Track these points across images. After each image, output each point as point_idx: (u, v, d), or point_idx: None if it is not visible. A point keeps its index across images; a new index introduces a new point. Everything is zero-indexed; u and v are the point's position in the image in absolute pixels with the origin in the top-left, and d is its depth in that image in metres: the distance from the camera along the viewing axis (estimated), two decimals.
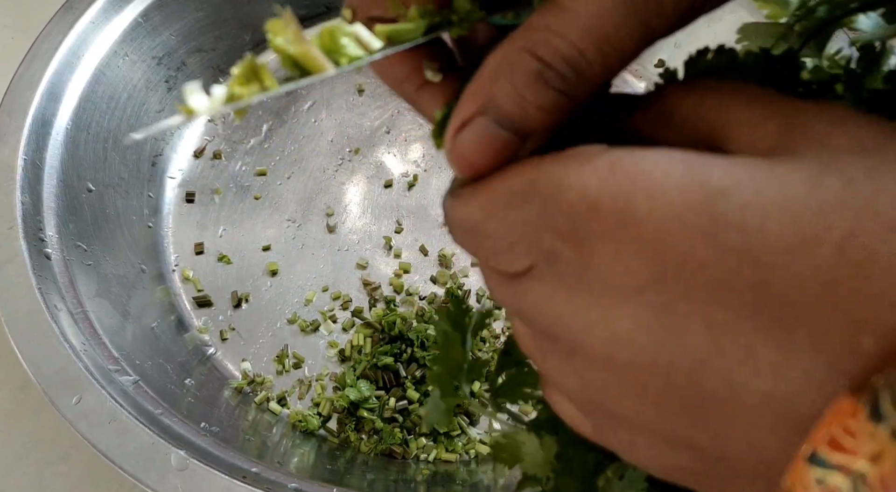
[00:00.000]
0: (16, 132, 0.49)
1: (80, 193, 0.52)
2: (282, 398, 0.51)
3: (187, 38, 0.62)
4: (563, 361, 0.18)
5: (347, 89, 0.65)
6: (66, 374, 0.41)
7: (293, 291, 0.56)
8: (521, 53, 0.17)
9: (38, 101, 0.51)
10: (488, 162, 0.18)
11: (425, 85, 0.21)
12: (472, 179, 0.19)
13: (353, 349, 0.53)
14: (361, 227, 0.59)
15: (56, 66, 0.52)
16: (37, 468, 0.49)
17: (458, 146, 0.18)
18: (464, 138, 0.18)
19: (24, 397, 0.51)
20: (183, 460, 0.39)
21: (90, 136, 0.54)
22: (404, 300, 0.55)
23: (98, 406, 0.41)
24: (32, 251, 0.46)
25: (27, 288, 0.44)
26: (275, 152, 0.62)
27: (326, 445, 0.49)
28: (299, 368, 0.53)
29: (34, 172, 0.49)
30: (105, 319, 0.47)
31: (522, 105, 0.17)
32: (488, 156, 0.18)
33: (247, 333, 0.54)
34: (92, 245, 0.51)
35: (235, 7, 0.63)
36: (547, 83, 0.17)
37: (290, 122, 0.64)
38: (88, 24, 0.54)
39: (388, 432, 0.49)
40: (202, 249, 0.57)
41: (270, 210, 0.59)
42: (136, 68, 0.58)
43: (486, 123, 0.18)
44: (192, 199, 0.60)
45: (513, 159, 0.18)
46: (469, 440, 0.50)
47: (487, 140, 0.18)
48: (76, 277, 0.48)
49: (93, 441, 0.39)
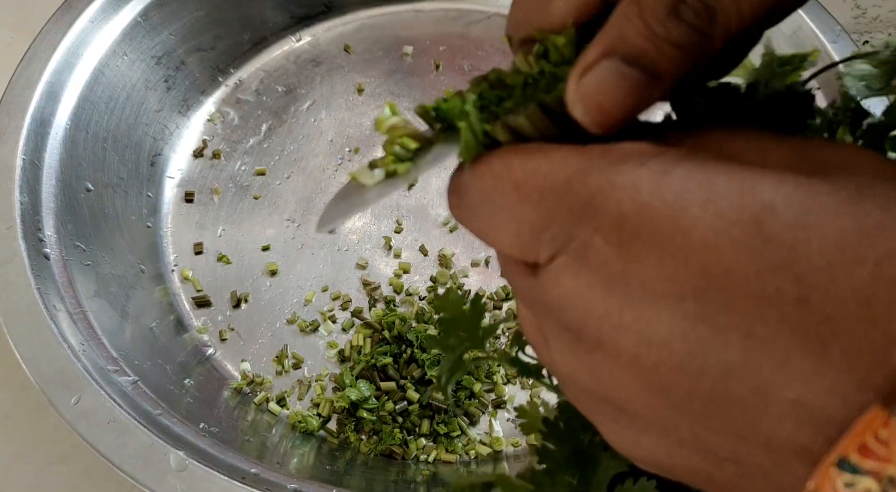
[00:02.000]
0: (14, 132, 0.49)
1: (78, 192, 0.52)
2: (281, 399, 0.51)
3: (186, 37, 0.61)
4: (579, 356, 0.18)
5: (347, 89, 0.65)
6: (65, 374, 0.41)
7: (293, 291, 0.56)
8: None
9: (36, 100, 0.50)
10: (618, 105, 0.17)
11: None
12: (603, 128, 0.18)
13: (353, 350, 0.53)
14: (361, 227, 0.59)
15: (55, 65, 0.52)
16: (36, 468, 0.48)
17: (582, 88, 0.17)
18: (589, 80, 0.17)
19: (23, 397, 0.51)
20: (182, 461, 0.39)
21: (89, 135, 0.54)
22: (404, 300, 0.55)
23: (97, 407, 0.41)
24: (31, 251, 0.46)
25: (26, 288, 0.44)
26: (274, 152, 0.62)
27: (326, 445, 0.49)
28: (299, 368, 0.53)
29: (33, 171, 0.49)
30: (104, 319, 0.47)
31: (654, 40, 0.17)
32: (618, 97, 0.17)
33: (246, 334, 0.54)
34: (91, 245, 0.51)
35: (235, 6, 0.63)
36: (679, 16, 0.17)
37: (290, 121, 0.64)
38: (87, 23, 0.54)
39: (388, 432, 0.49)
40: (201, 249, 0.57)
41: (270, 210, 0.59)
42: (135, 68, 0.58)
43: (614, 63, 0.17)
44: (191, 199, 0.59)
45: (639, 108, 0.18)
46: (469, 441, 0.50)
47: (616, 79, 0.17)
48: (75, 277, 0.48)
49: (92, 442, 0.39)
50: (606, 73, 0.17)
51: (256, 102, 0.65)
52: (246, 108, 0.64)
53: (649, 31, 0.17)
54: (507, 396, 0.51)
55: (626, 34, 0.17)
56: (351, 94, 0.65)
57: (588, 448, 0.24)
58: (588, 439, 0.24)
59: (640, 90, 0.17)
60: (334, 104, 0.65)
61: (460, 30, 0.69)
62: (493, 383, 0.52)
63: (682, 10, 0.17)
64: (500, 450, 0.50)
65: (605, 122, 0.18)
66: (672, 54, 0.17)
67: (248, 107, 0.64)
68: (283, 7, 0.66)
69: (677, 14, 0.17)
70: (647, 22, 0.17)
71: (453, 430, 0.49)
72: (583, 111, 0.18)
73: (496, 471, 0.48)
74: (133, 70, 0.58)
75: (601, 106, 0.17)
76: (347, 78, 0.66)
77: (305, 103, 0.65)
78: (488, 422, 0.51)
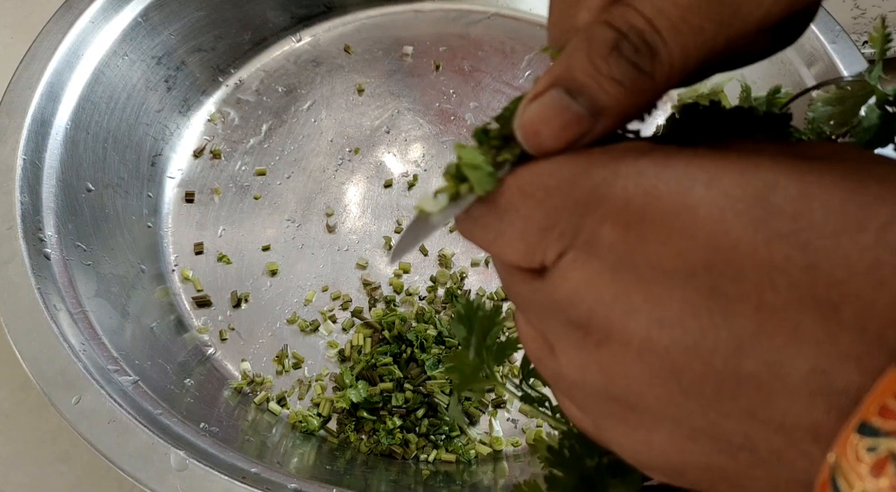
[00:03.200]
0: (15, 132, 0.49)
1: (79, 192, 0.52)
2: (281, 399, 0.51)
3: (187, 37, 0.61)
4: (588, 352, 0.18)
5: (347, 89, 0.65)
6: (66, 374, 0.41)
7: (293, 291, 0.56)
8: (598, 25, 0.18)
9: (37, 100, 0.51)
10: (556, 134, 0.18)
11: None
12: (539, 155, 0.18)
13: (353, 350, 0.53)
14: (361, 227, 0.59)
15: (55, 65, 0.52)
16: (36, 468, 0.49)
17: (526, 115, 0.18)
18: (533, 108, 0.18)
19: (24, 397, 0.51)
20: (182, 461, 0.39)
21: (89, 135, 0.54)
22: (404, 300, 0.55)
23: (97, 406, 0.41)
24: (32, 251, 0.46)
25: (26, 288, 0.44)
26: (274, 152, 0.62)
27: (326, 445, 0.49)
28: (299, 368, 0.53)
29: (33, 171, 0.49)
30: (104, 319, 0.47)
31: (596, 76, 0.17)
32: (556, 127, 0.18)
33: (246, 333, 0.54)
34: (91, 245, 0.51)
35: (235, 7, 0.63)
36: (621, 54, 0.17)
37: (290, 121, 0.64)
38: (88, 23, 0.54)
39: (388, 432, 0.49)
40: (202, 249, 0.57)
41: (270, 210, 0.59)
42: (135, 68, 0.58)
43: (558, 94, 0.18)
44: (191, 199, 0.60)
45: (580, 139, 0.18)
46: (469, 441, 0.50)
47: (556, 110, 0.18)
48: (75, 277, 0.48)
49: (92, 441, 0.39)
50: (549, 103, 0.18)
51: (257, 103, 0.65)
52: (246, 108, 0.64)
53: (592, 65, 0.17)
54: (506, 396, 0.51)
55: (572, 67, 0.18)
56: (351, 94, 0.65)
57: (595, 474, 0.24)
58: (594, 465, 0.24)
59: (580, 123, 0.18)
60: (334, 104, 0.65)
61: (460, 30, 0.69)
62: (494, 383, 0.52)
63: (623, 47, 0.17)
64: (500, 450, 0.50)
65: (540, 149, 0.18)
66: (612, 91, 0.17)
67: (249, 107, 0.64)
68: (284, 7, 0.66)
69: (619, 51, 0.17)
70: (591, 56, 0.17)
71: (453, 430, 0.49)
72: (522, 136, 0.18)
73: (496, 471, 0.48)
74: (133, 70, 0.58)
75: (538, 134, 0.18)
76: (348, 78, 0.66)
77: (306, 103, 0.65)
78: (488, 422, 0.51)
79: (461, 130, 0.63)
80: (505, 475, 0.48)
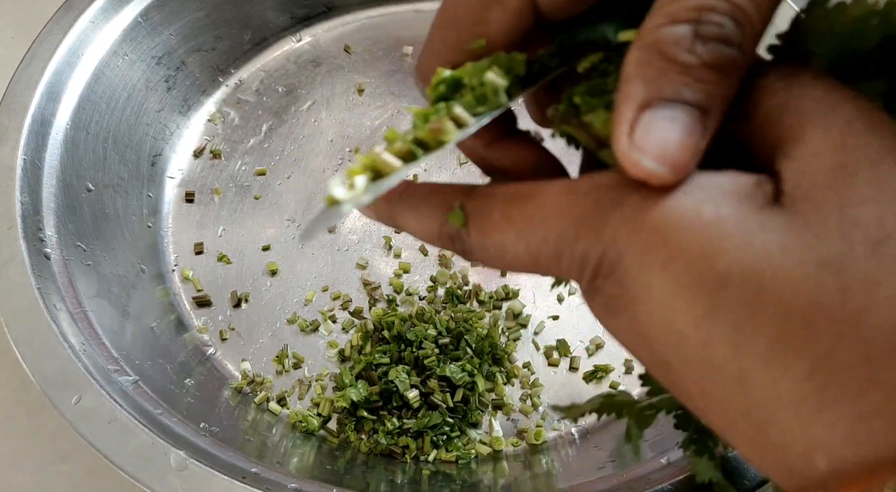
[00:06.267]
0: (15, 132, 0.49)
1: (79, 192, 0.52)
2: (281, 398, 0.51)
3: (187, 37, 0.61)
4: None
5: (347, 89, 0.65)
6: (66, 374, 0.41)
7: (293, 291, 0.56)
8: (661, 28, 0.16)
9: (37, 100, 0.51)
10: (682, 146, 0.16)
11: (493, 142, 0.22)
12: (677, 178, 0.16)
13: (353, 350, 0.53)
14: (361, 227, 0.59)
15: (55, 65, 0.52)
16: (37, 468, 0.49)
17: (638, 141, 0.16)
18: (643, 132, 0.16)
19: (24, 396, 0.51)
20: (182, 460, 0.39)
21: (90, 135, 0.54)
22: (404, 300, 0.55)
23: (98, 406, 0.41)
24: (32, 251, 0.46)
25: (27, 288, 0.44)
26: (275, 152, 0.62)
27: (326, 445, 0.49)
28: (299, 368, 0.53)
29: (33, 171, 0.49)
30: (105, 319, 0.47)
31: (688, 72, 0.16)
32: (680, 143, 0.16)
33: (246, 333, 0.54)
34: (91, 245, 0.51)
35: (235, 7, 0.63)
36: (706, 38, 0.16)
37: (290, 121, 0.64)
38: (88, 23, 0.54)
39: (388, 432, 0.49)
40: (202, 249, 0.57)
41: (270, 210, 0.59)
42: (135, 68, 0.58)
43: (657, 111, 0.16)
44: (191, 198, 0.60)
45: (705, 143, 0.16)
46: (469, 441, 0.50)
47: (668, 126, 0.16)
48: (75, 277, 0.48)
49: (92, 441, 0.39)
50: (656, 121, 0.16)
51: (257, 103, 0.65)
52: (246, 108, 0.64)
53: (679, 65, 0.16)
54: (506, 396, 0.51)
55: (652, 79, 0.16)
56: (351, 94, 0.65)
57: None
58: None
59: (700, 126, 0.16)
60: (335, 104, 0.65)
61: None
62: (494, 383, 0.52)
63: (705, 30, 0.16)
64: (500, 450, 0.50)
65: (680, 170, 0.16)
66: (712, 78, 0.16)
67: (249, 107, 0.64)
68: (284, 7, 0.66)
69: (701, 36, 0.16)
70: (672, 58, 0.16)
71: (453, 430, 0.49)
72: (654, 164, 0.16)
73: (496, 471, 0.48)
74: (133, 70, 0.58)
75: (669, 157, 0.16)
76: (348, 78, 0.66)
77: (306, 103, 0.65)
78: (488, 422, 0.51)
79: None
80: (505, 475, 0.48)
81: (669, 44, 0.16)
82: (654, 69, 0.16)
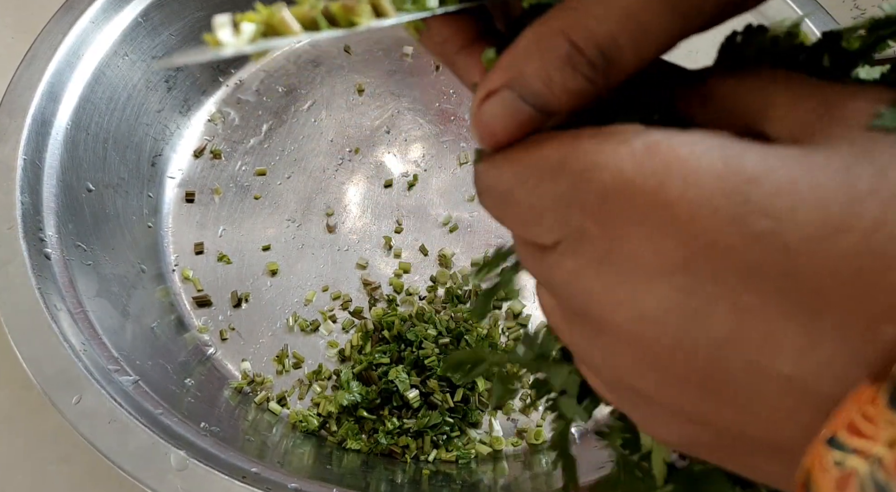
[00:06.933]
0: (15, 132, 0.49)
1: (79, 193, 0.52)
2: (282, 398, 0.51)
3: (187, 37, 0.62)
4: (590, 339, 0.18)
5: (347, 89, 0.65)
6: (66, 374, 0.41)
7: (293, 291, 0.56)
8: (554, 34, 0.18)
9: (37, 101, 0.51)
10: (510, 134, 0.19)
11: (465, 47, 0.22)
12: (495, 149, 0.19)
13: (353, 349, 0.53)
14: (361, 227, 0.59)
15: (56, 65, 0.52)
16: (37, 468, 0.49)
17: (481, 114, 0.19)
18: (488, 109, 0.19)
19: (24, 396, 0.51)
20: (183, 460, 0.39)
21: (90, 136, 0.54)
22: (404, 300, 0.55)
23: (98, 406, 0.41)
24: (32, 251, 0.46)
25: (27, 288, 0.44)
26: (275, 152, 0.62)
27: (326, 445, 0.49)
28: (299, 368, 0.53)
29: (34, 172, 0.49)
30: (105, 319, 0.47)
31: (549, 85, 0.18)
32: (510, 128, 0.19)
33: (247, 333, 0.54)
34: (92, 245, 0.51)
35: (235, 7, 0.63)
36: (576, 68, 0.17)
37: (290, 121, 0.64)
38: (88, 23, 0.54)
39: (388, 432, 0.49)
40: (202, 249, 0.57)
41: (270, 210, 0.59)
42: (135, 68, 0.58)
43: (512, 97, 0.18)
44: (191, 199, 0.60)
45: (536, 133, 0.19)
46: (469, 440, 0.50)
47: (510, 113, 0.18)
48: (76, 277, 0.48)
49: (93, 441, 0.39)
50: (504, 104, 0.18)
51: (257, 103, 0.65)
52: (246, 108, 0.64)
53: (546, 75, 0.18)
54: None
55: (526, 73, 0.18)
56: (351, 94, 0.65)
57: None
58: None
59: (534, 122, 0.19)
60: (334, 104, 0.65)
61: None
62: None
63: (579, 63, 0.17)
64: (500, 449, 0.50)
65: (497, 145, 0.19)
66: (566, 98, 0.18)
67: (249, 107, 0.64)
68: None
69: (574, 66, 0.17)
70: (545, 66, 0.18)
71: (453, 430, 0.49)
72: (479, 136, 0.19)
73: (496, 471, 0.48)
74: (134, 70, 0.58)
75: (494, 135, 0.19)
76: (348, 78, 0.66)
77: (306, 103, 0.65)
78: (488, 422, 0.51)
79: (461, 130, 0.63)
80: (505, 475, 0.48)
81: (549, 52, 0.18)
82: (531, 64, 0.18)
